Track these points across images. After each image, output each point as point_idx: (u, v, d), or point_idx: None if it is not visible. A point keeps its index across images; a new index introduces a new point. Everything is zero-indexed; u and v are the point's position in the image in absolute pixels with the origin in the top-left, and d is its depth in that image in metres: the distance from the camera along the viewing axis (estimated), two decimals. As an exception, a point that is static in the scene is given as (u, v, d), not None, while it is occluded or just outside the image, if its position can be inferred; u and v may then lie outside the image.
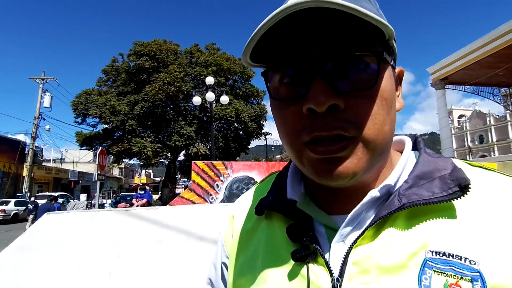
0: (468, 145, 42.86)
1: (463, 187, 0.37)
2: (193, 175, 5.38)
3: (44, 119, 24.95)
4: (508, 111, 32.09)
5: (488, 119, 40.61)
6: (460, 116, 49.37)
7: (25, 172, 24.24)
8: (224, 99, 12.37)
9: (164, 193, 21.82)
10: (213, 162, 5.65)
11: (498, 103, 21.41)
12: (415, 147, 0.48)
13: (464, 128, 44.14)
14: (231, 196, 5.43)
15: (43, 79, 25.14)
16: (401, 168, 0.43)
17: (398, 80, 0.45)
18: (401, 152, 0.47)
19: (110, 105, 19.12)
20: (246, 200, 0.57)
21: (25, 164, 24.49)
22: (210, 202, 5.32)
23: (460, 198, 0.37)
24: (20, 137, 26.08)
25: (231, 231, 0.55)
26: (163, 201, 19.00)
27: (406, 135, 0.51)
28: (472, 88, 19.23)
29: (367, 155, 0.37)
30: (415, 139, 0.50)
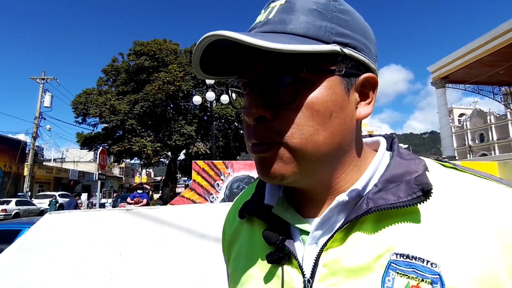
0: (468, 144, 42.82)
1: (425, 192, 0.38)
2: (194, 174, 5.39)
3: (45, 118, 25.00)
4: (509, 110, 32.04)
5: (488, 117, 40.57)
6: (461, 115, 49.32)
7: (26, 172, 24.28)
8: (225, 98, 12.37)
9: (165, 192, 21.82)
10: (213, 161, 5.65)
11: (499, 101, 21.38)
12: (391, 148, 0.49)
13: (465, 127, 44.10)
14: (231, 195, 5.44)
15: (43, 79, 25.15)
16: (372, 171, 0.44)
17: (369, 86, 0.44)
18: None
19: (110, 105, 19.13)
20: (234, 206, 0.61)
21: (26, 163, 24.52)
22: (211, 202, 5.32)
23: (423, 202, 0.38)
24: (21, 136, 26.13)
25: (224, 237, 0.60)
26: (164, 201, 18.99)
27: (383, 135, 0.52)
28: (472, 86, 19.20)
29: (295, 161, 0.40)
30: (391, 139, 0.50)
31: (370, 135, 0.54)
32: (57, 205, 16.67)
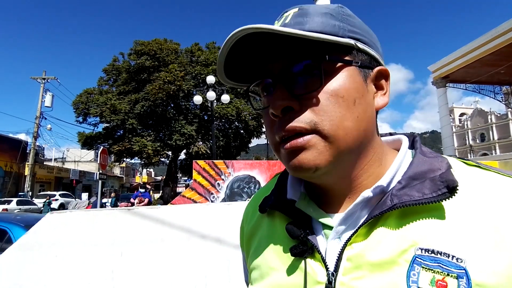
0: (469, 143, 42.74)
1: (451, 189, 0.38)
2: (195, 174, 5.39)
3: (46, 118, 25.00)
4: (510, 109, 31.97)
5: (489, 117, 40.48)
6: (461, 115, 49.21)
7: (26, 172, 24.30)
8: (225, 98, 12.36)
9: (165, 192, 21.82)
10: (214, 161, 5.66)
11: (500, 101, 21.34)
12: (412, 146, 0.50)
13: (465, 127, 44.01)
14: (232, 195, 5.44)
15: (44, 79, 25.15)
16: (395, 168, 0.45)
17: (382, 78, 0.47)
18: (398, 151, 0.49)
19: (110, 104, 19.12)
20: (253, 201, 0.62)
21: (26, 163, 24.54)
22: (212, 201, 5.33)
23: (449, 199, 0.39)
24: (22, 136, 26.22)
25: (243, 231, 0.61)
26: (165, 200, 19.00)
27: (405, 134, 0.53)
28: (473, 86, 19.17)
29: (329, 149, 0.41)
30: (412, 138, 0.51)
31: (391, 134, 0.55)
32: (51, 205, 16.65)
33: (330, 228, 0.45)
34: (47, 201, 17.59)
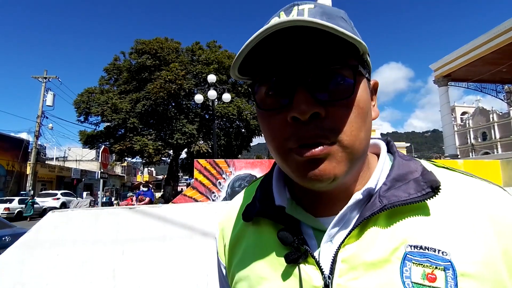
0: (471, 142, 42.65)
1: (434, 188, 0.41)
2: (196, 173, 5.40)
3: (47, 117, 25.05)
4: (512, 108, 31.87)
5: (491, 116, 40.37)
6: (463, 113, 49.11)
7: (28, 170, 24.38)
8: (226, 96, 12.36)
9: (167, 191, 21.88)
10: (215, 160, 5.66)
11: (502, 100, 21.27)
12: (388, 150, 0.53)
13: (467, 125, 43.93)
14: (233, 194, 5.45)
15: (45, 78, 25.19)
16: (379, 171, 0.47)
17: (374, 91, 0.49)
18: (377, 155, 0.52)
19: (112, 103, 19.15)
20: (232, 208, 0.60)
21: (28, 162, 24.62)
22: (213, 200, 5.33)
23: (432, 198, 0.41)
24: (23, 135, 26.23)
25: (222, 242, 0.58)
26: (166, 199, 19.05)
27: (380, 138, 0.55)
28: (475, 85, 19.11)
29: (346, 159, 0.41)
30: (387, 142, 0.54)
31: None
32: (34, 205, 15.89)
33: (321, 232, 0.45)
34: (30, 200, 16.80)
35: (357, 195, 0.44)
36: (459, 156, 23.33)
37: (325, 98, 0.39)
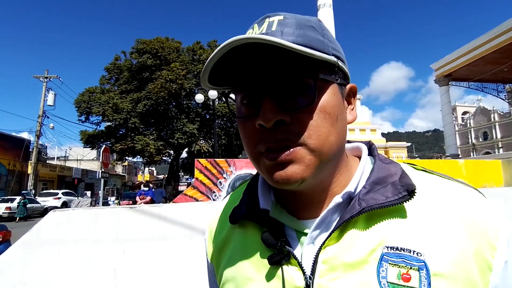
0: (472, 142, 42.57)
1: (410, 192, 0.43)
2: (196, 172, 5.40)
3: (48, 117, 25.11)
4: (513, 108, 31.77)
5: (492, 115, 40.28)
6: (464, 113, 49.02)
7: (29, 170, 24.43)
8: (227, 96, 12.35)
9: (167, 190, 21.90)
10: (216, 159, 5.66)
11: (503, 99, 21.22)
12: (370, 153, 0.54)
13: (468, 125, 43.84)
14: (234, 193, 5.45)
15: (46, 77, 25.23)
16: (359, 175, 0.48)
17: (352, 94, 0.51)
18: (359, 158, 0.54)
19: (113, 103, 19.18)
20: (220, 211, 0.62)
21: (29, 162, 24.66)
22: (214, 200, 5.34)
23: (409, 201, 0.43)
24: (25, 135, 26.32)
25: (211, 243, 0.59)
26: (166, 199, 19.08)
27: (362, 141, 0.57)
28: (476, 84, 19.07)
29: (314, 163, 0.42)
30: (369, 145, 0.56)
31: (349, 141, 0.58)
32: (27, 205, 15.39)
33: (304, 234, 0.47)
34: (22, 201, 16.28)
35: (337, 199, 0.45)
36: (460, 156, 23.29)
37: (290, 105, 0.42)
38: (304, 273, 0.44)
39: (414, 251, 0.40)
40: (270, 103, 0.41)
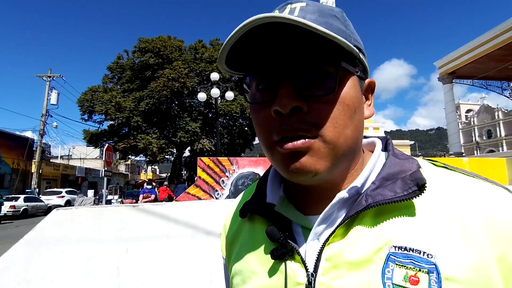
0: (475, 140, 42.30)
1: (420, 186, 0.40)
2: (199, 171, 5.41)
3: (51, 116, 25.26)
4: (517, 105, 31.51)
5: (496, 113, 39.98)
6: (468, 111, 48.67)
7: (33, 169, 24.61)
8: (229, 95, 12.35)
9: (170, 189, 21.96)
10: (218, 158, 5.66)
11: (507, 97, 21.06)
12: (386, 149, 0.52)
13: (472, 123, 43.55)
14: (236, 192, 5.45)
15: (49, 77, 25.36)
16: (369, 170, 0.46)
17: (370, 90, 0.49)
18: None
19: (115, 102, 19.23)
20: (235, 206, 0.62)
21: (33, 160, 24.85)
22: (216, 198, 5.34)
23: (418, 196, 0.40)
24: (28, 134, 26.49)
25: (225, 239, 0.60)
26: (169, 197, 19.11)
27: (379, 137, 0.55)
28: (480, 82, 18.93)
29: (329, 155, 0.41)
30: (386, 140, 0.53)
31: (365, 137, 0.56)
32: (2, 206, 14.72)
33: (308, 229, 0.46)
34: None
35: (342, 194, 0.43)
36: (463, 154, 23.15)
37: (308, 93, 0.40)
38: (307, 269, 0.42)
39: (424, 252, 0.38)
40: (288, 88, 0.40)
